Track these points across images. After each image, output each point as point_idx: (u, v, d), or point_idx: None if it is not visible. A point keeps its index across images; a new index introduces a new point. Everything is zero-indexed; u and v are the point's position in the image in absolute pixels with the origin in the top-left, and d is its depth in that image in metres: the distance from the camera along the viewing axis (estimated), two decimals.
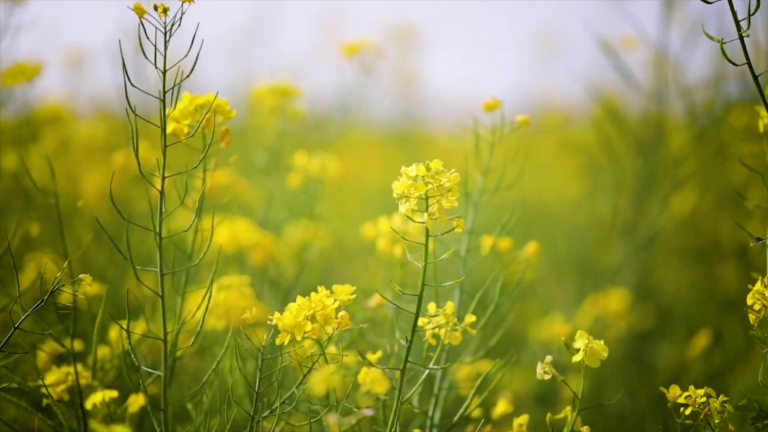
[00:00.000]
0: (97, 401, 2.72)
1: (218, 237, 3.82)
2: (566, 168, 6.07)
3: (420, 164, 2.45)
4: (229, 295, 3.30)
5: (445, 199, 2.44)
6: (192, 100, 2.78)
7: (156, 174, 2.62)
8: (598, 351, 2.56)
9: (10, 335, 2.55)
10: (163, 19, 2.52)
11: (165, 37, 2.54)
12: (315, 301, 2.53)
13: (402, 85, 7.62)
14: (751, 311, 2.61)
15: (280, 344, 2.52)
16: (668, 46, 4.59)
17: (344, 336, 3.02)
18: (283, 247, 4.12)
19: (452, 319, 2.63)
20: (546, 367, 2.60)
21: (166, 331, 2.72)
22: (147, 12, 2.50)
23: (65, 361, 3.02)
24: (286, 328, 2.52)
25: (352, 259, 5.17)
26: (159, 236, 2.65)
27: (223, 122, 2.82)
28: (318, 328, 2.51)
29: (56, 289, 2.53)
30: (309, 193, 4.09)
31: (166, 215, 2.65)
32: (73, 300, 2.91)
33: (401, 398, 2.64)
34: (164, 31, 2.54)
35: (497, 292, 3.07)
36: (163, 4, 2.51)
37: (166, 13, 2.51)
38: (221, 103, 2.79)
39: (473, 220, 3.18)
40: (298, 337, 2.51)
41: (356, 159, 6.49)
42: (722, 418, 2.56)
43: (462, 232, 3.00)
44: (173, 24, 2.52)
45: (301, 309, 2.52)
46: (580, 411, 2.59)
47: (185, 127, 2.76)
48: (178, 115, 2.76)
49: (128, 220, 2.57)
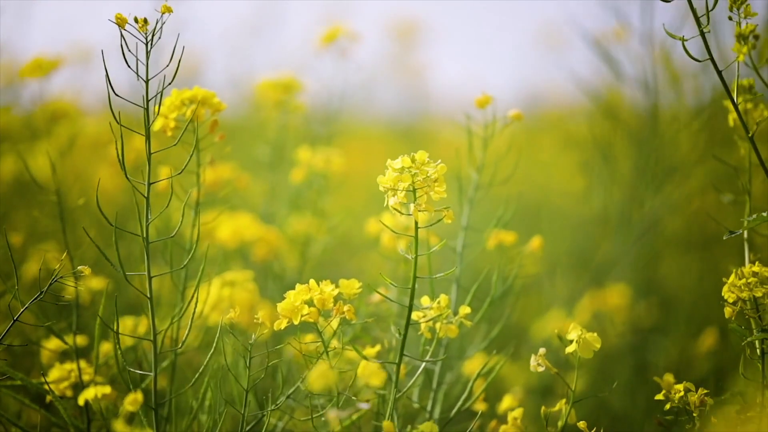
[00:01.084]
0: (89, 397, 2.72)
1: (221, 232, 3.83)
2: (567, 163, 6.06)
3: (405, 156, 2.45)
4: (233, 291, 3.29)
5: (433, 190, 2.44)
6: (179, 94, 2.78)
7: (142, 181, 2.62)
8: (591, 342, 2.56)
9: (10, 327, 2.56)
10: (143, 32, 2.52)
11: (146, 47, 2.53)
12: (313, 287, 2.53)
13: (406, 80, 7.62)
14: (727, 305, 2.61)
15: (278, 330, 2.52)
16: (653, 37, 4.59)
17: (348, 331, 3.02)
18: (287, 242, 4.12)
19: (446, 311, 2.62)
20: (539, 359, 2.61)
21: (155, 332, 2.71)
22: (128, 22, 2.49)
23: (69, 358, 3.03)
24: (284, 312, 2.52)
25: (357, 253, 5.17)
26: (146, 241, 2.64)
27: (213, 115, 2.81)
28: (315, 311, 2.51)
29: (55, 281, 2.53)
30: (313, 187, 4.08)
31: (157, 215, 2.64)
32: (75, 294, 2.91)
33: (399, 392, 2.64)
34: (145, 42, 2.53)
35: (493, 285, 3.07)
36: (144, 17, 2.50)
37: (147, 26, 2.50)
38: (207, 95, 2.79)
39: (468, 216, 3.18)
40: (296, 321, 2.51)
41: (361, 154, 6.48)
42: (702, 412, 2.57)
43: (459, 228, 3.00)
44: (153, 35, 2.52)
45: (298, 294, 2.53)
46: (574, 403, 2.59)
47: (172, 122, 2.76)
48: (165, 110, 2.76)
49: (116, 226, 2.57)
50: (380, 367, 2.78)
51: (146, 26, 2.50)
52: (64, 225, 3.10)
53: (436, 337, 2.65)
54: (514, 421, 2.69)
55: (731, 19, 2.61)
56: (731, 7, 2.60)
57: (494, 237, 3.22)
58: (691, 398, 2.61)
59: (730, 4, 2.60)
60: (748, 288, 2.59)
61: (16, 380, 2.83)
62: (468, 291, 3.01)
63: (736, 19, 2.61)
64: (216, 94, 2.80)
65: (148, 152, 2.61)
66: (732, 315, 2.60)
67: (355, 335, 3.04)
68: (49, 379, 2.89)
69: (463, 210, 3.17)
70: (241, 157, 3.61)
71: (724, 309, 2.61)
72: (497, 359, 2.94)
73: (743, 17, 2.60)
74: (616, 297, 4.41)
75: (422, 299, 2.65)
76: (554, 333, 2.71)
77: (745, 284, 2.59)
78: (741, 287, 2.59)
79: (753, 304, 2.60)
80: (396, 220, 3.21)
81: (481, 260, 3.29)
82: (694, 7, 2.59)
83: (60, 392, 2.89)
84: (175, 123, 2.76)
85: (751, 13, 2.60)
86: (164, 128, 2.77)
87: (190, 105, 2.76)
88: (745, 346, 2.62)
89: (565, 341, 2.59)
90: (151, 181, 2.61)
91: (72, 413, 2.81)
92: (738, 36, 2.61)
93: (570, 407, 2.60)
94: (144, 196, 2.62)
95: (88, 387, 2.83)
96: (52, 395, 2.80)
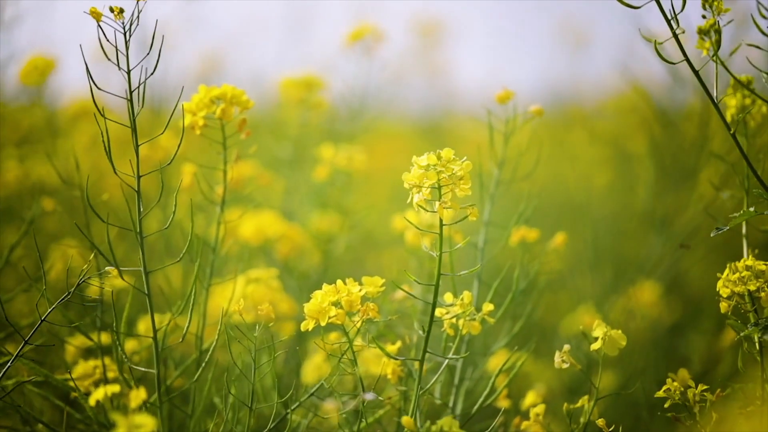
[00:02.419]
0: (99, 397, 2.72)
1: (244, 229, 3.83)
2: (595, 159, 6.04)
3: (431, 153, 2.44)
4: (257, 288, 3.29)
5: (458, 187, 2.43)
6: (207, 91, 2.77)
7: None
8: (616, 339, 2.56)
9: (37, 327, 2.57)
10: (120, 21, 2.51)
11: (125, 37, 2.52)
12: (341, 288, 2.52)
13: (430, 78, 7.61)
14: (723, 299, 2.60)
15: (305, 330, 2.52)
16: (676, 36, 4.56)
17: (371, 329, 3.02)
18: (311, 240, 4.13)
19: (469, 308, 2.61)
20: (564, 356, 2.60)
21: (155, 330, 2.71)
22: (104, 15, 2.49)
23: (93, 355, 3.04)
24: (311, 314, 2.51)
25: (380, 250, 5.17)
26: (140, 235, 2.63)
27: (241, 113, 2.80)
28: (342, 313, 2.51)
29: (82, 282, 2.54)
30: (336, 185, 4.09)
31: (149, 209, 2.64)
32: (100, 293, 2.92)
33: (422, 389, 2.64)
34: (123, 32, 2.52)
35: (514, 281, 3.06)
36: (120, 6, 2.50)
37: (122, 15, 2.50)
38: (237, 93, 2.78)
39: (490, 211, 3.17)
40: (323, 323, 2.50)
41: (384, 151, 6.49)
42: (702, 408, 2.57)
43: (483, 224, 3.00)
44: (131, 24, 2.51)
45: (326, 295, 2.52)
46: (599, 400, 2.58)
47: (201, 119, 2.75)
48: (194, 107, 2.75)
49: (108, 222, 2.57)
50: (402, 363, 2.78)
51: (121, 15, 2.49)
52: (87, 222, 3.11)
53: (459, 334, 2.65)
54: (536, 417, 2.69)
55: (704, 17, 2.61)
56: (704, 5, 2.61)
57: (517, 234, 3.22)
58: (689, 394, 2.60)
59: (702, 2, 2.60)
60: (742, 282, 2.58)
61: (41, 377, 2.84)
62: (490, 287, 3.00)
63: (710, 17, 2.61)
64: (245, 91, 2.80)
65: (135, 144, 2.60)
66: (728, 310, 2.59)
67: (378, 332, 3.04)
68: (74, 375, 2.90)
69: (485, 206, 3.16)
70: (263, 155, 3.61)
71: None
72: (519, 356, 2.93)
73: (716, 14, 2.60)
74: (646, 293, 4.39)
75: (445, 296, 2.64)
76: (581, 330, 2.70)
77: (739, 278, 2.58)
78: (735, 281, 2.58)
79: (750, 298, 2.59)
80: (419, 217, 3.20)
81: (502, 256, 3.28)
82: (664, 11, 2.60)
83: (84, 389, 2.90)
84: (204, 121, 2.76)
85: (723, 9, 2.60)
86: (193, 126, 2.76)
87: (219, 103, 2.76)
88: (743, 340, 2.61)
89: (590, 338, 2.58)
90: (142, 174, 2.61)
91: (96, 410, 2.82)
92: (699, 31, 2.62)
93: (593, 404, 2.59)
94: (134, 190, 2.61)
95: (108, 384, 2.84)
96: (77, 392, 2.81)
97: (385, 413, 2.85)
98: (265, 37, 7.21)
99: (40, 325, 2.58)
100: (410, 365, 2.78)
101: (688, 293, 4.68)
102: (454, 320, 2.63)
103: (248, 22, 6.88)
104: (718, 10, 2.60)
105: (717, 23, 2.59)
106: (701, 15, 2.61)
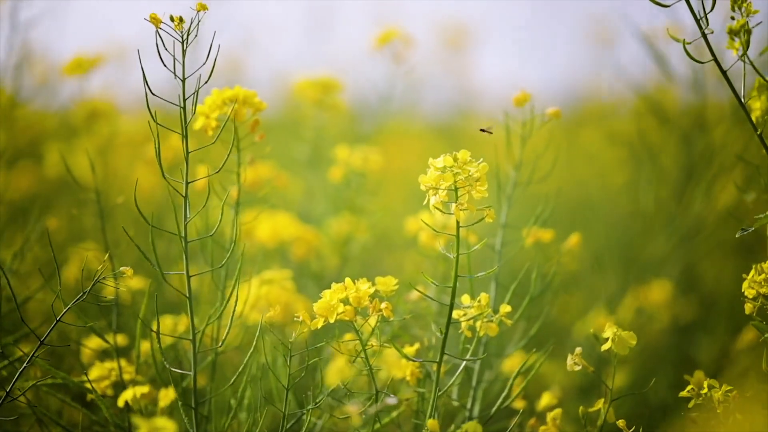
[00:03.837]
0: (129, 398, 2.72)
1: (260, 231, 3.83)
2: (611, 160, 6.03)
3: (447, 155, 2.43)
4: (271, 290, 3.29)
5: (474, 189, 2.42)
6: (220, 93, 2.78)
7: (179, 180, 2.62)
8: (626, 339, 2.55)
9: (52, 328, 2.57)
10: (179, 30, 2.52)
11: (183, 46, 2.53)
12: (349, 286, 2.53)
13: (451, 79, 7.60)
14: (748, 300, 2.59)
15: (315, 329, 2.52)
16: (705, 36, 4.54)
17: (386, 329, 3.02)
18: (326, 241, 4.12)
19: (486, 310, 2.61)
20: (576, 358, 2.60)
21: (194, 332, 2.72)
22: (162, 22, 2.50)
23: (109, 357, 3.04)
24: (320, 311, 2.52)
25: (396, 251, 5.16)
26: (185, 240, 2.64)
27: (254, 114, 2.81)
28: (350, 310, 2.51)
29: (97, 282, 2.54)
30: (351, 186, 4.08)
31: (195, 214, 2.65)
32: (116, 294, 2.92)
33: (439, 390, 2.63)
34: (181, 40, 2.53)
35: (532, 283, 3.05)
36: (180, 16, 2.50)
37: (182, 24, 2.51)
38: (249, 95, 2.79)
39: (507, 213, 3.16)
40: (331, 320, 2.51)
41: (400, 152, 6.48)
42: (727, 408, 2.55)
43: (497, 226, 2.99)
44: (189, 33, 2.52)
45: (335, 293, 2.53)
46: (613, 401, 2.57)
47: (213, 121, 2.75)
48: (207, 109, 2.76)
49: (154, 225, 2.57)
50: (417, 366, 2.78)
51: (182, 25, 2.51)
52: (103, 224, 3.11)
53: (476, 335, 2.64)
54: (553, 421, 2.68)
55: (734, 18, 2.60)
56: (732, 7, 2.59)
57: (532, 235, 3.21)
58: (714, 394, 2.58)
59: (731, 4, 2.59)
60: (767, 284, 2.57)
61: (57, 379, 2.84)
62: (507, 289, 2.99)
63: (739, 18, 2.60)
64: (257, 93, 2.80)
65: (186, 151, 2.61)
66: (753, 311, 2.58)
67: (393, 333, 3.03)
68: (90, 377, 2.90)
69: (502, 207, 3.16)
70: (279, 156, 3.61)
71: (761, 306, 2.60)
72: (536, 357, 2.92)
73: (745, 16, 2.59)
74: (659, 293, 4.38)
75: (462, 297, 2.64)
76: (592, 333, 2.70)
77: (764, 279, 2.57)
78: (761, 283, 2.57)
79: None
80: (435, 219, 3.19)
81: (518, 258, 3.27)
82: (694, 10, 2.59)
83: (101, 391, 2.91)
84: (217, 122, 2.76)
85: (753, 11, 2.59)
86: (205, 127, 2.77)
87: (231, 104, 2.76)
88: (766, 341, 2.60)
89: (601, 339, 2.58)
90: (189, 180, 2.62)
91: (113, 412, 2.83)
92: (730, 32, 2.60)
93: (608, 406, 2.58)
94: (182, 195, 2.62)
95: (128, 387, 2.84)
96: (94, 394, 2.81)
97: (400, 413, 2.84)
98: (286, 37, 7.22)
99: (56, 325, 2.58)
100: (428, 367, 2.77)
101: (702, 293, 4.66)
102: (472, 322, 2.62)
103: (270, 23, 6.90)
104: (748, 11, 2.59)
105: (747, 24, 2.58)
106: (730, 16, 2.60)
